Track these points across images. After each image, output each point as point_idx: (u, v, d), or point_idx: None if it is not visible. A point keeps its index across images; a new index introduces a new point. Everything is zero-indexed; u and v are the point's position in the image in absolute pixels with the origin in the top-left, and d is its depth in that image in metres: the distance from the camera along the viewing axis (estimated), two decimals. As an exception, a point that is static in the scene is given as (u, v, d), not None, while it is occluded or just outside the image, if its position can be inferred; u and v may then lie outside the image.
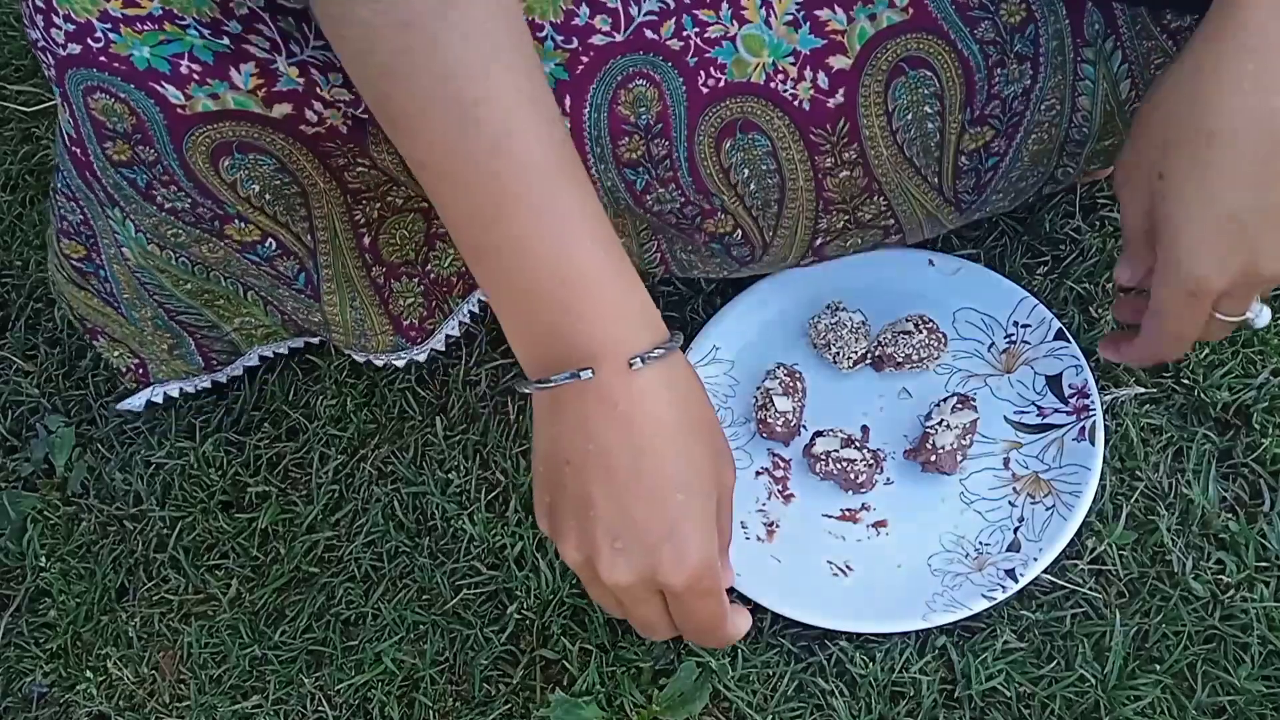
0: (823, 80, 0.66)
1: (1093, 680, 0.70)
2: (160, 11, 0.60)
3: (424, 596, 0.82)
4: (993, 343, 0.80)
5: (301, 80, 0.63)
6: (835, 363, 0.81)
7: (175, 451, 0.92)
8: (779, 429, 0.79)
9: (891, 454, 0.79)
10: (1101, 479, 0.74)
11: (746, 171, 0.69)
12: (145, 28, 0.61)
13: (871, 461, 0.77)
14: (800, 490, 0.79)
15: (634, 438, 0.56)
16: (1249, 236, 0.55)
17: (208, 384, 0.91)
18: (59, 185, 0.77)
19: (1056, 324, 0.78)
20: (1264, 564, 0.73)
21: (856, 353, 0.80)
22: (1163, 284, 0.59)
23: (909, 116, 0.67)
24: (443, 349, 0.86)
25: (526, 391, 0.58)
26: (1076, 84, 0.67)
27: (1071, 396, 0.76)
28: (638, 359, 0.55)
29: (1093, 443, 0.74)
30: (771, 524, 0.78)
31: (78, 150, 0.69)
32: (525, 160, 0.54)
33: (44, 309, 1.03)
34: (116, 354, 0.88)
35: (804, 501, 0.79)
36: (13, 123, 1.16)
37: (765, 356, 0.83)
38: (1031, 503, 0.74)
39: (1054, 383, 0.77)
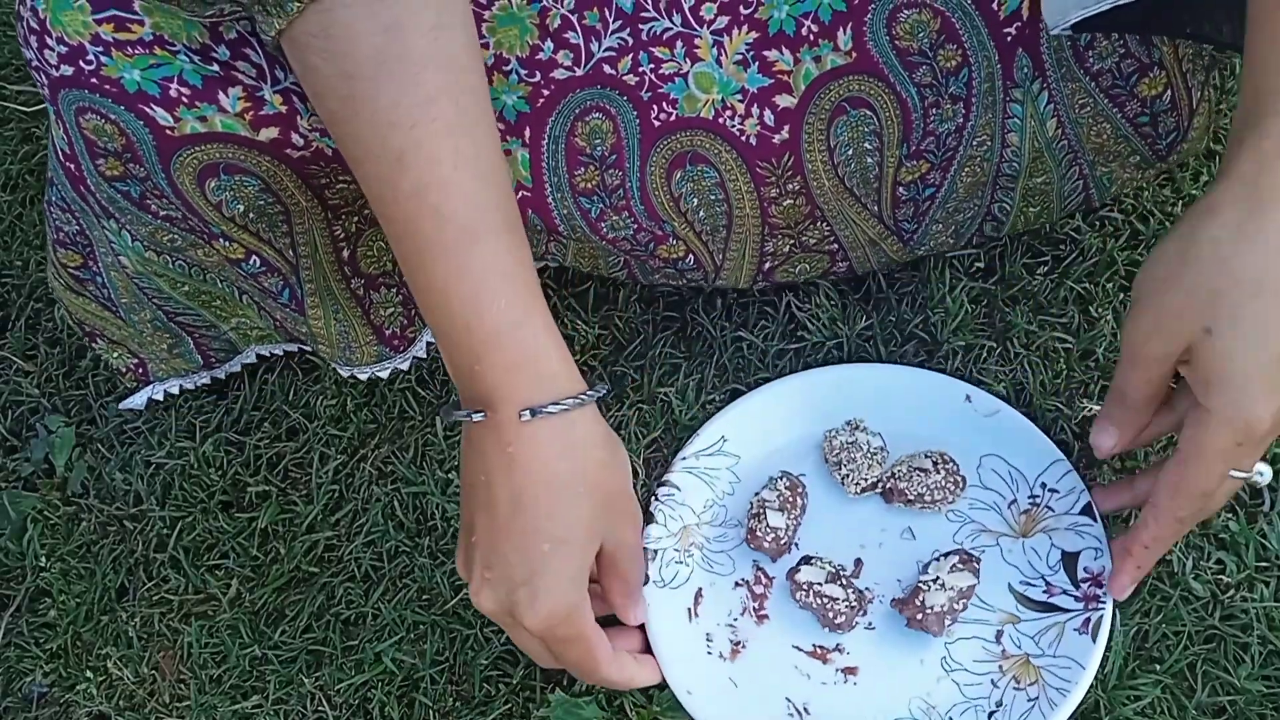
0: (769, 117, 0.70)
1: (1093, 680, 0.70)
2: (151, 37, 0.62)
3: (424, 596, 0.82)
4: (1014, 500, 0.74)
5: (284, 108, 0.66)
6: (843, 485, 0.76)
7: (175, 451, 0.92)
8: (767, 544, 0.74)
9: (880, 596, 0.73)
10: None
11: (695, 200, 0.73)
12: (136, 51, 0.62)
13: (855, 603, 0.72)
14: (776, 613, 0.74)
15: (515, 483, 0.61)
16: None
17: (207, 380, 0.92)
18: (53, 198, 0.78)
19: (1086, 497, 0.72)
20: (1264, 564, 0.73)
21: (867, 479, 0.75)
22: (1209, 432, 0.58)
23: (849, 152, 0.71)
24: (424, 355, 0.87)
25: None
26: (1006, 121, 0.70)
27: (1084, 581, 0.70)
28: (527, 411, 0.60)
29: (1094, 639, 0.68)
30: (738, 643, 0.73)
31: (71, 165, 0.70)
32: (444, 213, 0.58)
33: (44, 309, 1.03)
34: (116, 355, 0.89)
35: (777, 626, 0.73)
36: (13, 123, 1.16)
37: (773, 460, 0.78)
38: (1015, 688, 0.68)
39: (1070, 561, 0.71)
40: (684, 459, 0.78)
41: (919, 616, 0.70)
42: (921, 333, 0.85)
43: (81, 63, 0.62)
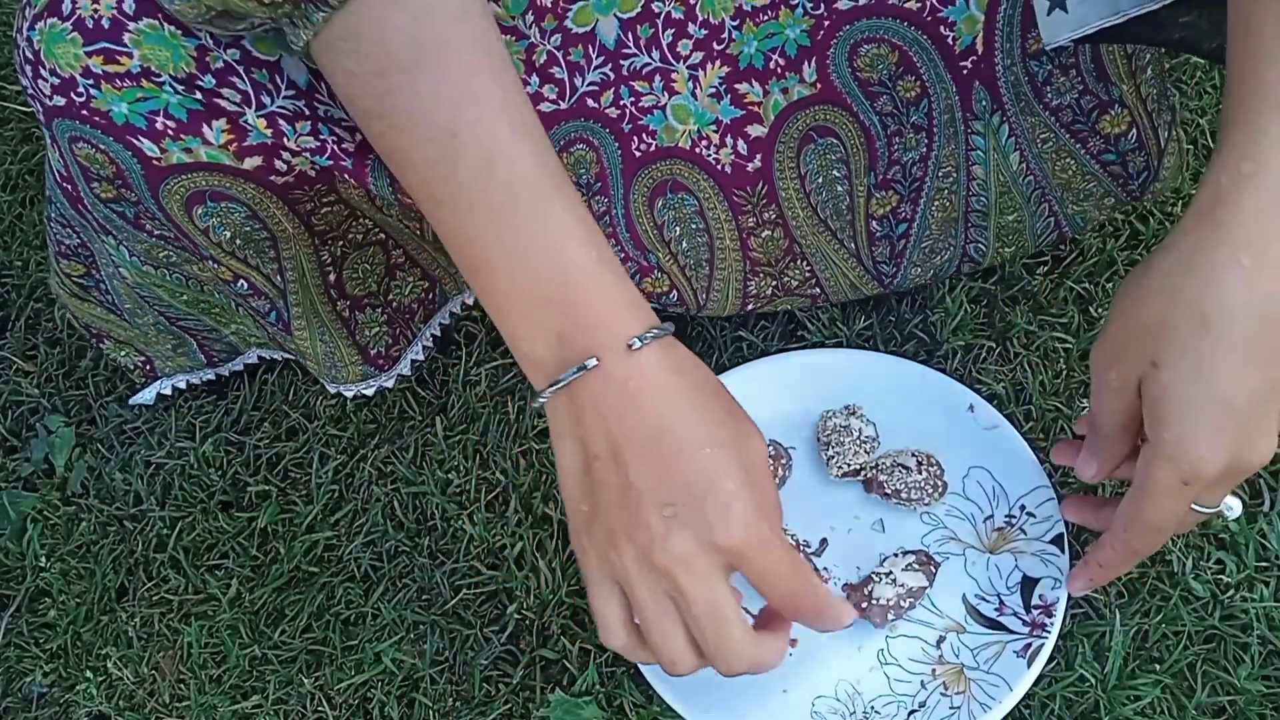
0: (742, 147, 0.73)
1: (1093, 680, 0.70)
2: (139, 69, 0.63)
3: (424, 596, 0.82)
4: (991, 515, 0.75)
5: (270, 131, 0.66)
6: (827, 466, 0.77)
7: (175, 451, 0.92)
8: None
9: (835, 579, 0.74)
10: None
11: (678, 229, 0.76)
12: (124, 84, 0.63)
13: None
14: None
15: (649, 410, 0.57)
16: (1240, 421, 0.55)
17: (212, 376, 0.93)
18: (52, 214, 0.80)
19: (1060, 528, 0.72)
20: (1264, 564, 0.73)
21: (850, 465, 0.76)
22: (1156, 468, 0.58)
23: (820, 180, 0.74)
24: (409, 373, 0.87)
25: (542, 402, 0.59)
26: (970, 154, 0.73)
27: (1036, 608, 0.70)
28: (635, 339, 0.57)
29: (1029, 665, 0.68)
30: None
31: (69, 186, 0.72)
32: (509, 179, 0.57)
33: (44, 309, 1.03)
34: (123, 354, 0.91)
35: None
36: (13, 123, 1.16)
37: (768, 428, 0.75)
38: (942, 694, 0.69)
39: (1028, 585, 0.72)
40: None
41: (864, 605, 0.71)
42: (921, 333, 0.85)
43: (73, 94, 0.64)
